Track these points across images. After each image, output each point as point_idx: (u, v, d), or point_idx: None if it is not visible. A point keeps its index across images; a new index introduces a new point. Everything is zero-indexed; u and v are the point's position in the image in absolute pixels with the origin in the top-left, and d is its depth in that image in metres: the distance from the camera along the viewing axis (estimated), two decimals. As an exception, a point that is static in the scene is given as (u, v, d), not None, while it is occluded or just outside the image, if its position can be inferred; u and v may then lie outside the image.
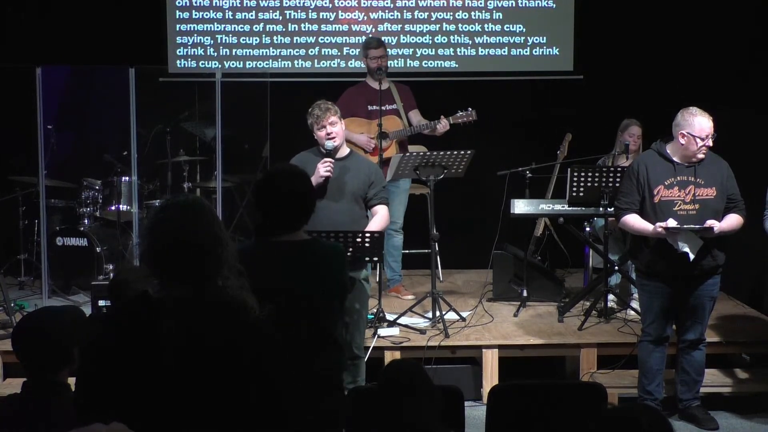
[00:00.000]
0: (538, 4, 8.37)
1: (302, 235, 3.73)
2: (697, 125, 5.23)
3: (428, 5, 8.33)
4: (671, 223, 5.20)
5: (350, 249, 5.07)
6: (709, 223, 5.20)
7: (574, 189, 6.50)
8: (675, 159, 5.32)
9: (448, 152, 6.34)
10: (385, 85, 6.92)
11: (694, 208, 5.28)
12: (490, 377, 6.00)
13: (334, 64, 8.33)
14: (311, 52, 8.32)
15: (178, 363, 2.45)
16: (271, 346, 2.57)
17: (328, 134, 5.33)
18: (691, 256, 5.23)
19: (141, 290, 2.57)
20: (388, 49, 7.44)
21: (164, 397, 2.45)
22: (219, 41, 8.31)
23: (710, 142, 5.26)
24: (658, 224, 5.23)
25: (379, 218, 5.43)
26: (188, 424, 2.46)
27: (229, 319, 2.52)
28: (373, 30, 8.25)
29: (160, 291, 2.56)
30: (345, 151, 5.50)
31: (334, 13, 8.33)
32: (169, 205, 2.65)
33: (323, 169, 5.30)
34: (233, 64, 8.31)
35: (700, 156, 5.29)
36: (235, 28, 8.30)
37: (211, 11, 8.29)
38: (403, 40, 8.33)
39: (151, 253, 2.58)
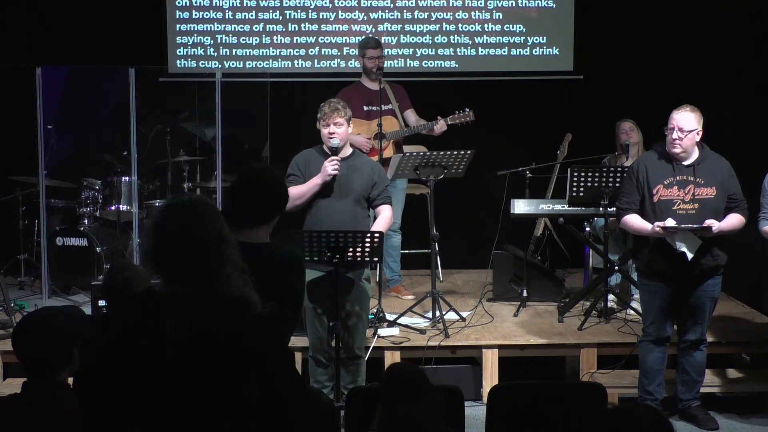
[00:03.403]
0: (538, 4, 8.36)
1: (262, 238, 3.59)
2: (670, 118, 5.23)
3: (428, 5, 8.33)
4: (669, 222, 5.19)
5: (350, 249, 5.07)
6: (708, 222, 5.19)
7: (574, 189, 6.49)
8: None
9: (448, 152, 6.34)
10: (381, 85, 6.92)
11: (694, 207, 5.27)
12: (490, 377, 6.00)
13: (334, 64, 8.33)
14: (311, 52, 8.32)
15: (181, 359, 2.46)
16: (273, 342, 2.59)
17: (330, 133, 5.34)
18: (689, 256, 5.22)
19: (145, 287, 2.59)
20: (388, 49, 7.43)
21: (167, 394, 2.45)
22: (219, 41, 8.30)
23: (681, 136, 5.20)
24: (656, 224, 5.22)
25: (382, 219, 5.43)
26: (191, 420, 2.47)
27: (232, 316, 2.54)
28: (373, 30, 8.24)
29: (163, 288, 2.58)
30: (348, 150, 5.49)
31: (334, 13, 8.32)
32: (173, 204, 2.69)
33: (330, 167, 5.30)
34: (233, 64, 8.31)
35: (675, 151, 5.24)
36: (235, 28, 8.29)
37: (211, 11, 8.29)
38: (403, 40, 8.32)
39: (155, 251, 2.60)
